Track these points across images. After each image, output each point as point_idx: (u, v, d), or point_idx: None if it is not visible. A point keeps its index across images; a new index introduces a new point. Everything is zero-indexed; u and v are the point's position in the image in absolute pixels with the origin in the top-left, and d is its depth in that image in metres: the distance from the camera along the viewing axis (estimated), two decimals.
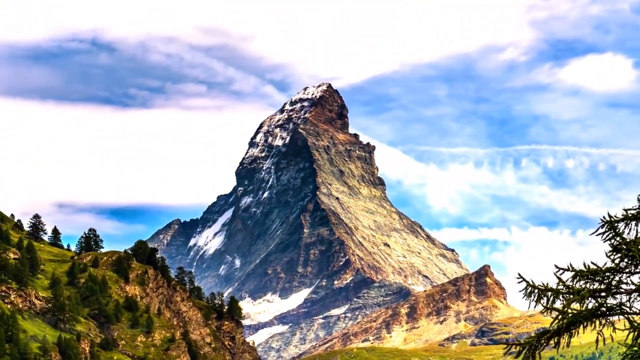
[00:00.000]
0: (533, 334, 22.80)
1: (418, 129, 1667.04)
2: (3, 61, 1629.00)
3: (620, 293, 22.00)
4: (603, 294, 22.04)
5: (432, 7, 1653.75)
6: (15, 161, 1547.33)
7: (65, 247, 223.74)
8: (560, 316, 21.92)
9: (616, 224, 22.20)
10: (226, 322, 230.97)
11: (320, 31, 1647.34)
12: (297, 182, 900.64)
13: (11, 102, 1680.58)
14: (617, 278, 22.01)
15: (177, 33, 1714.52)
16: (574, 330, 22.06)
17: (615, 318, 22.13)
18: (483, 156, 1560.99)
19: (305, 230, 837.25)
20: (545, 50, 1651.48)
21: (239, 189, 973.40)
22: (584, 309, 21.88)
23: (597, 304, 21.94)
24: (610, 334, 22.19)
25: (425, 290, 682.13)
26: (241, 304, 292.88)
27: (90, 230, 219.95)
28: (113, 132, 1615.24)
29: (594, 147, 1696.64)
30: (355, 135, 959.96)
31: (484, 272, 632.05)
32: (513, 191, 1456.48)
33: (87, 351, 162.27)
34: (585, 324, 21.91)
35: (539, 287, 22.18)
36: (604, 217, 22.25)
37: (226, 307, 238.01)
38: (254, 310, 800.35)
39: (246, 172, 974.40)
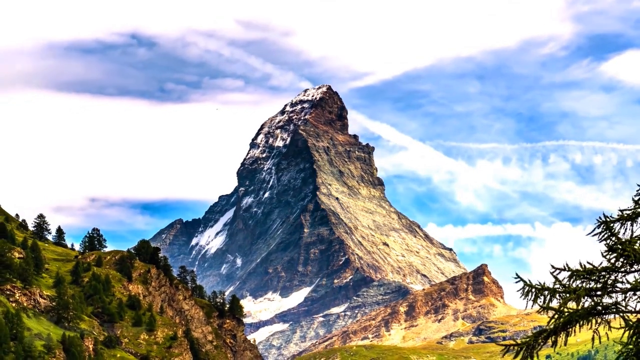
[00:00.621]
0: (530, 332, 22.83)
1: (448, 125, 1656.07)
2: (42, 54, 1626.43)
3: (616, 292, 22.01)
4: (599, 293, 22.05)
5: (474, 0, 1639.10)
6: (50, 154, 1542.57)
7: (69, 246, 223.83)
8: (557, 315, 21.92)
9: (612, 224, 22.20)
10: (228, 320, 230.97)
11: (358, 26, 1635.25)
12: (297, 182, 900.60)
13: (48, 95, 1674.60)
14: (612, 277, 22.01)
15: (218, 27, 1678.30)
16: (570, 329, 22.06)
17: (611, 317, 22.13)
18: (511, 152, 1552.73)
19: (305, 230, 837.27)
20: (585, 45, 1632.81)
21: (240, 189, 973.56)
22: (580, 307, 21.88)
23: (593, 303, 21.95)
24: (606, 333, 22.21)
25: (423, 289, 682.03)
26: (242, 302, 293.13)
27: (93, 229, 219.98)
28: (148, 126, 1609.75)
29: (621, 143, 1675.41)
30: (355, 137, 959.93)
31: (481, 271, 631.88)
32: (540, 187, 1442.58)
33: (91, 349, 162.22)
34: (581, 322, 21.92)
35: (536, 286, 22.19)
36: (600, 218, 22.26)
37: (227, 306, 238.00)
38: (255, 308, 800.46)
39: (247, 172, 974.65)
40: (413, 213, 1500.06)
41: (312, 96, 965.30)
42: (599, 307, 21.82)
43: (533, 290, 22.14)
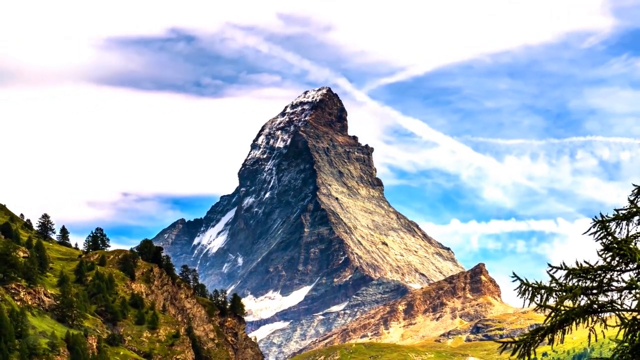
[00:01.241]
0: (526, 330, 22.82)
1: (476, 121, 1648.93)
2: (80, 48, 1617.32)
3: (612, 290, 22.00)
4: (595, 291, 22.04)
5: None
6: (85, 147, 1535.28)
7: (73, 245, 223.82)
8: (553, 313, 21.91)
9: (607, 224, 22.20)
10: (229, 319, 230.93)
11: (394, 21, 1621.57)
12: (297, 182, 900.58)
13: (86, 88, 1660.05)
14: (608, 276, 22.00)
15: (258, 21, 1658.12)
16: (567, 327, 22.05)
17: (607, 315, 22.12)
18: (539, 148, 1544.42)
19: (305, 230, 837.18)
20: (624, 40, 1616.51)
21: (242, 189, 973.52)
22: (576, 306, 21.87)
23: (589, 302, 21.94)
24: (602, 330, 22.18)
25: (421, 288, 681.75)
26: (243, 300, 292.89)
27: (97, 229, 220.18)
28: (183, 121, 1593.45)
29: None
30: (354, 138, 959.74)
31: (478, 270, 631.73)
32: (567, 183, 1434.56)
33: (94, 347, 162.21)
34: (577, 320, 21.90)
35: (533, 285, 22.18)
36: (595, 217, 22.25)
37: (229, 304, 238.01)
38: (256, 307, 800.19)
39: (248, 173, 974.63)
40: (440, 209, 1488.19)
41: (312, 98, 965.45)
42: (595, 306, 21.81)
43: (530, 289, 22.13)
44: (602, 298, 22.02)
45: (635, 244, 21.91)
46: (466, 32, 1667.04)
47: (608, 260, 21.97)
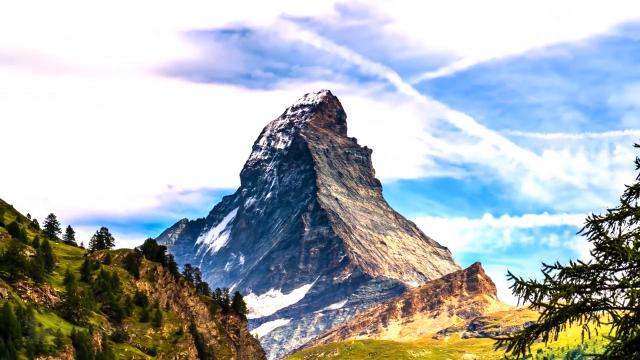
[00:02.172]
0: (522, 328, 22.82)
1: (516, 116, 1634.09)
2: (133, 39, 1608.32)
3: (605, 289, 22.02)
4: (588, 289, 22.06)
5: None
6: (136, 137, 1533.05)
7: (79, 245, 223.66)
8: (547, 311, 21.94)
9: (600, 224, 22.23)
10: (231, 316, 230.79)
11: (447, 15, 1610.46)
12: (298, 183, 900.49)
13: (140, 78, 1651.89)
14: (601, 275, 22.03)
15: (314, 13, 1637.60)
16: (561, 324, 22.07)
17: (600, 312, 22.14)
18: (577, 143, 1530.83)
19: (306, 229, 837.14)
20: None
21: (243, 190, 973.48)
22: (570, 304, 21.89)
23: (582, 300, 21.96)
24: (595, 328, 22.20)
25: (419, 286, 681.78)
26: (245, 299, 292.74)
27: (102, 229, 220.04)
28: (235, 113, 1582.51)
29: None
30: (353, 139, 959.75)
31: (475, 268, 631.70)
32: (604, 177, 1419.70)
33: (100, 344, 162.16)
34: (571, 318, 21.93)
35: (528, 283, 22.20)
36: (588, 217, 22.28)
37: (231, 302, 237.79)
38: (257, 304, 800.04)
39: (250, 174, 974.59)
40: (480, 204, 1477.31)
41: (312, 100, 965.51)
42: (588, 304, 21.84)
43: (525, 287, 22.16)
44: (595, 296, 22.04)
45: (628, 243, 21.95)
46: (514, 27, 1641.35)
47: (601, 259, 22.00)
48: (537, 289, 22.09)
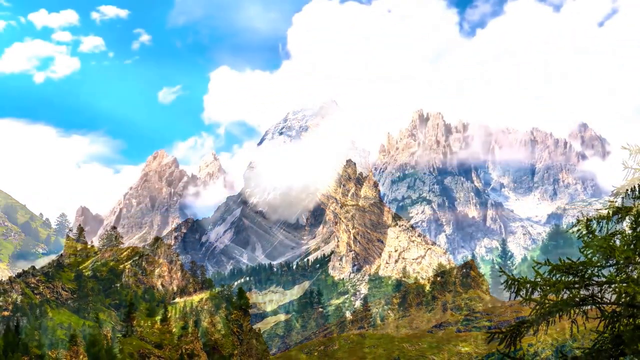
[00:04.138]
0: (513, 323, 22.81)
1: None
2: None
3: (592, 285, 22.03)
4: (577, 285, 22.07)
5: None
6: None
7: (89, 243, 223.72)
8: (538, 306, 21.95)
9: (589, 222, 22.25)
10: (235, 312, 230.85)
11: None
12: None
13: None
14: (589, 271, 22.04)
15: None
16: (550, 319, 22.08)
17: (588, 307, 22.14)
18: None
19: (306, 228, 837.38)
20: None
21: (247, 189, 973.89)
22: (559, 299, 21.90)
23: (571, 295, 21.97)
24: (584, 322, 22.21)
25: (415, 283, 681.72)
26: (248, 294, 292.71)
27: (112, 227, 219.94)
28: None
29: None
30: (352, 142, 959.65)
31: (468, 266, 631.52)
32: None
33: (109, 337, 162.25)
34: (560, 313, 21.93)
35: (519, 280, 22.21)
36: (578, 217, 22.30)
37: (234, 298, 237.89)
38: (260, 300, 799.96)
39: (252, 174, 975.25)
40: None
41: (313, 104, 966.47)
42: (577, 299, 21.85)
43: (516, 283, 22.16)
44: (583, 292, 22.06)
45: (615, 241, 21.97)
46: None
47: (589, 256, 22.02)
48: (528, 285, 22.10)
